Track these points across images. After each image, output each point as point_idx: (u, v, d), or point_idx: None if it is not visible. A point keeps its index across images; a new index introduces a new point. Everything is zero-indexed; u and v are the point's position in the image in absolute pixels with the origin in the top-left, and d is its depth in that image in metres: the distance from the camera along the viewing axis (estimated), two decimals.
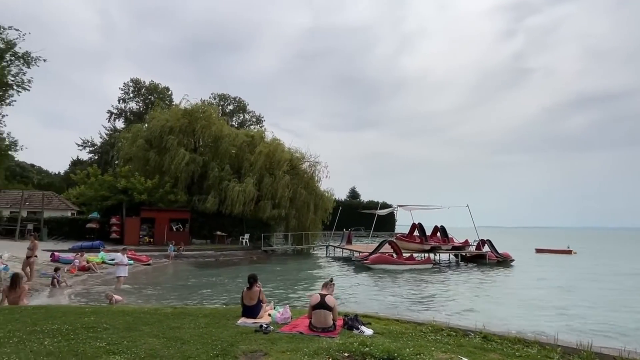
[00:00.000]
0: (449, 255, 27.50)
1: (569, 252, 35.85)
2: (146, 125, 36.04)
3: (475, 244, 27.40)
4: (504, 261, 25.51)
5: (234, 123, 56.69)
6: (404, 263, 22.05)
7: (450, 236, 26.80)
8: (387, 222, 60.41)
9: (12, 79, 25.98)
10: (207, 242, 29.28)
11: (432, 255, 25.76)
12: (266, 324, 5.96)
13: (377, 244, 24.86)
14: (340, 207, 34.18)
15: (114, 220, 26.98)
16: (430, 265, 23.04)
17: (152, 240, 26.90)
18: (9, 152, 25.64)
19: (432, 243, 25.97)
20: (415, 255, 24.22)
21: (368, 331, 5.92)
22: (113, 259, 18.67)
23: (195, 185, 31.38)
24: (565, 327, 9.58)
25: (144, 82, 55.85)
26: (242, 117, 63.17)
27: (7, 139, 25.46)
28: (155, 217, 27.27)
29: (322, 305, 5.89)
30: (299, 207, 31.26)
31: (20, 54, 26.50)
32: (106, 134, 54.78)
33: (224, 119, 39.99)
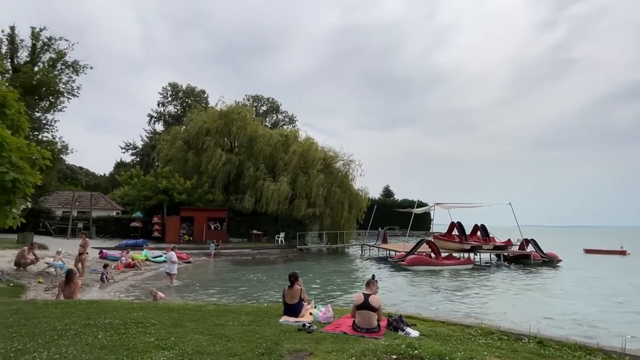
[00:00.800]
0: (490, 255, 26.44)
1: (622, 252, 33.45)
2: (184, 127, 37.24)
3: (519, 244, 26.17)
4: (549, 262, 24.19)
5: (267, 123, 57.48)
6: (442, 263, 21.40)
7: (491, 235, 25.75)
8: (423, 221, 59.08)
9: (63, 86, 27.71)
10: (244, 240, 29.81)
11: (472, 255, 24.87)
12: (309, 323, 5.89)
13: (414, 244, 24.31)
14: (375, 206, 33.75)
15: (155, 219, 28.09)
16: (470, 266, 22.23)
17: (191, 238, 27.74)
18: (61, 156, 27.31)
19: (473, 242, 25.05)
20: (454, 255, 23.46)
21: (414, 333, 5.70)
22: (157, 257, 19.47)
23: (231, 184, 32.05)
24: (631, 332, 8.86)
25: (181, 86, 57.78)
26: (275, 117, 63.96)
27: (59, 144, 27.14)
28: (194, 216, 28.11)
29: (366, 305, 5.73)
30: (333, 206, 31.18)
31: (69, 63, 28.23)
32: (147, 137, 57.16)
33: (259, 119, 40.59)
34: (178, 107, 57.50)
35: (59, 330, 5.26)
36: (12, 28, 27.20)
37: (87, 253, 13.50)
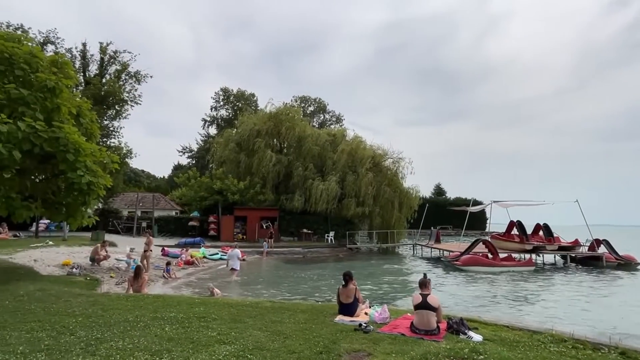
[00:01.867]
0: (555, 257, 24.63)
1: None
2: (236, 130, 38.60)
3: (588, 244, 24.12)
4: (626, 265, 22.02)
5: (314, 123, 58.01)
6: (501, 264, 20.27)
7: (555, 235, 23.97)
8: (478, 220, 56.50)
9: (127, 95, 29.88)
10: (294, 239, 30.27)
11: (534, 256, 23.31)
12: (365, 323, 5.81)
13: (469, 244, 23.27)
14: (427, 205, 32.78)
15: (211, 218, 29.38)
16: (532, 267, 20.85)
17: (244, 237, 28.66)
18: (126, 160, 29.46)
19: (535, 242, 23.48)
20: (514, 255, 22.13)
21: (477, 337, 5.41)
22: (213, 254, 20.35)
23: (281, 184, 32.70)
24: None
25: (232, 90, 60.00)
26: (322, 117, 64.36)
27: (124, 149, 29.29)
28: (247, 216, 29.03)
29: (424, 305, 5.55)
30: (383, 205, 30.72)
31: (132, 73, 30.37)
32: (202, 140, 59.98)
33: (306, 119, 41.05)
34: (229, 111, 59.74)
35: (130, 321, 5.64)
36: (84, 45, 29.82)
37: (152, 250, 14.37)
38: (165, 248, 20.03)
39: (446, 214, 52.10)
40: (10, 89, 8.40)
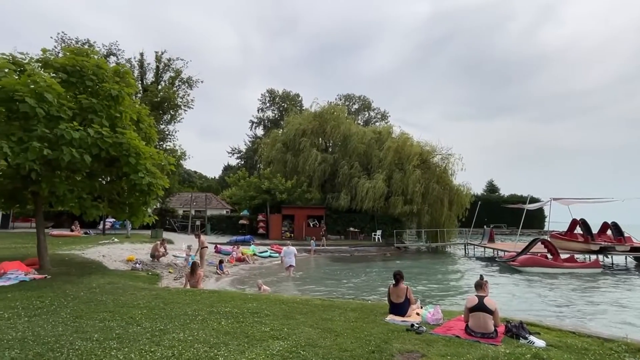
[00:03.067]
0: (626, 258, 22.58)
1: None
2: (282, 130, 39.35)
3: None
4: None
5: (359, 121, 57.67)
6: (562, 266, 18.91)
7: (626, 235, 21.96)
8: (535, 219, 53.26)
9: (180, 100, 31.49)
10: (341, 237, 30.30)
11: (600, 258, 21.52)
12: (417, 324, 5.69)
13: (527, 243, 21.97)
14: (479, 203, 31.38)
15: (260, 217, 30.22)
16: (599, 270, 19.23)
17: (292, 235, 29.14)
18: (181, 162, 31.08)
19: (602, 242, 21.66)
20: (577, 256, 20.58)
21: (539, 342, 5.10)
22: (262, 252, 20.93)
23: (327, 183, 32.87)
24: None
25: (278, 91, 61.25)
26: (367, 114, 63.82)
27: (179, 151, 30.92)
28: (294, 214, 29.51)
29: (481, 307, 5.32)
30: (432, 203, 29.87)
31: (185, 79, 31.97)
32: (249, 141, 61.80)
33: (351, 118, 40.91)
34: (275, 112, 61.04)
35: (189, 315, 5.95)
36: (141, 54, 31.85)
37: (207, 247, 15.05)
38: (218, 245, 20.88)
39: (500, 212, 49.51)
40: (81, 99, 9.17)
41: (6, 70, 8.79)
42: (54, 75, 9.42)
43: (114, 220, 25.07)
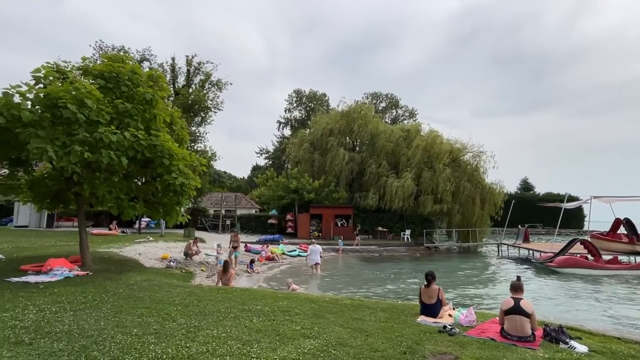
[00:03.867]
0: None
1: None
2: (309, 130, 39.51)
3: None
4: None
5: (387, 120, 57.07)
6: (604, 267, 17.96)
7: None
8: (573, 218, 51.03)
9: (210, 102, 32.28)
10: (369, 237, 30.11)
11: None
12: (450, 325, 5.57)
13: (565, 243, 21.02)
14: (513, 201, 30.32)
15: (288, 216, 30.51)
16: None
17: (320, 234, 29.23)
18: (211, 162, 31.85)
19: None
20: (620, 258, 19.49)
21: (581, 347, 4.87)
22: (291, 251, 21.12)
23: (355, 182, 32.74)
24: None
25: (304, 91, 61.58)
26: (395, 112, 63.05)
27: (209, 152, 31.70)
28: (322, 214, 29.59)
29: (517, 310, 5.14)
30: (463, 202, 29.13)
31: (214, 82, 32.73)
32: (277, 141, 62.46)
33: (378, 116, 40.54)
34: (302, 112, 61.38)
35: (222, 312, 6.09)
36: (173, 59, 32.87)
37: (238, 246, 15.38)
38: (248, 244, 21.24)
39: (535, 211, 47.60)
40: (118, 104, 9.57)
41: (51, 78, 9.32)
42: (93, 81, 9.88)
43: (149, 219, 26.01)
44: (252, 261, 15.74)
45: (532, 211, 48.19)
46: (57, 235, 19.37)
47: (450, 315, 6.31)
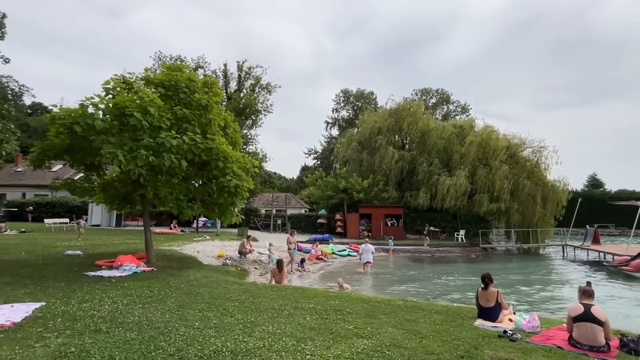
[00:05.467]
0: None
1: None
2: (357, 129, 39.32)
3: None
4: None
5: (437, 116, 55.33)
6: None
7: None
8: None
9: (260, 105, 33.25)
10: (421, 237, 29.33)
11: None
12: (511, 330, 5.29)
13: None
14: (580, 199, 28.06)
15: (338, 216, 30.61)
16: None
17: (370, 234, 29.00)
18: (262, 164, 32.80)
19: None
20: None
21: None
22: (341, 251, 21.17)
23: (405, 181, 32.09)
24: None
25: (352, 90, 61.45)
26: (446, 108, 61.03)
27: (260, 154, 32.66)
28: (371, 213, 29.34)
29: (587, 317, 4.76)
30: (523, 200, 27.46)
31: (264, 85, 33.67)
32: (325, 141, 62.99)
33: (429, 112, 39.40)
34: (350, 111, 61.32)
35: (276, 309, 6.26)
36: (225, 65, 34.30)
37: (293, 245, 15.81)
38: (298, 243, 21.60)
39: (606, 210, 43.89)
40: (177, 110, 10.18)
41: (118, 89, 10.13)
42: (154, 90, 10.58)
43: (206, 219, 27.31)
44: (302, 260, 15.99)
45: (602, 210, 44.41)
46: (124, 233, 20.98)
47: (510, 320, 5.99)
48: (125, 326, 4.98)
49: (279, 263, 10.81)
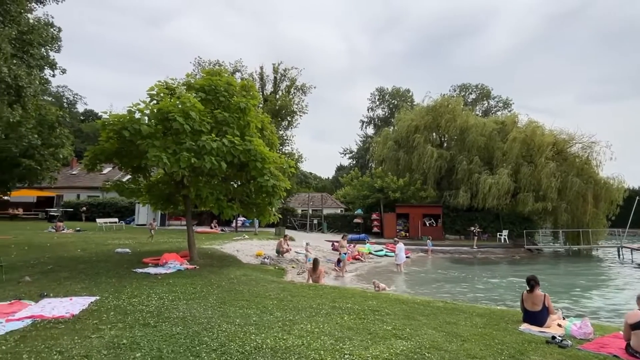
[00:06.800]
0: None
1: None
2: (393, 127, 38.75)
3: None
4: None
5: (477, 112, 53.38)
6: None
7: None
8: None
9: (296, 106, 33.61)
10: (461, 237, 28.49)
11: None
12: (560, 336, 5.02)
13: None
14: (638, 198, 26.09)
15: (374, 216, 30.34)
16: None
17: (407, 234, 28.52)
18: (298, 164, 33.13)
19: None
20: None
21: None
22: (378, 251, 20.98)
23: (443, 180, 31.24)
24: None
25: (387, 89, 60.67)
26: (486, 104, 58.79)
27: (296, 154, 33.01)
28: (409, 213, 28.84)
29: None
30: (572, 199, 25.94)
31: (299, 86, 34.02)
32: (360, 141, 62.59)
33: (468, 109, 38.12)
34: (385, 110, 60.58)
35: (314, 308, 6.31)
36: (261, 68, 34.96)
37: (345, 247, 16.08)
38: (335, 243, 21.62)
39: None
40: (217, 114, 10.53)
41: (162, 94, 10.63)
42: (195, 95, 11.00)
43: (245, 218, 27.99)
44: (339, 260, 15.99)
45: None
46: (168, 232, 21.93)
47: (559, 326, 5.68)
48: (171, 321, 5.22)
49: (315, 262, 10.88)
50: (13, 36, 8.85)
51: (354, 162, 61.78)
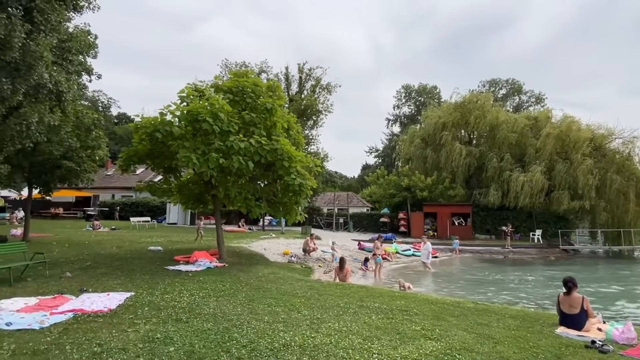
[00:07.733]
0: None
1: None
2: (420, 125, 38.10)
3: None
4: None
5: (508, 108, 51.69)
6: None
7: None
8: None
9: (321, 106, 33.66)
10: (492, 237, 27.69)
11: None
12: (601, 341, 4.79)
13: None
14: None
15: (401, 215, 29.95)
16: None
17: (435, 234, 27.99)
18: (324, 163, 33.17)
19: None
20: None
21: None
22: (405, 250, 20.73)
23: (473, 178, 30.46)
24: None
25: (413, 86, 59.73)
26: (517, 99, 56.93)
27: (321, 153, 33.08)
28: (437, 212, 28.30)
29: None
30: (611, 198, 24.71)
31: (324, 86, 34.05)
32: (386, 139, 61.94)
33: (498, 105, 36.97)
34: (412, 107, 59.69)
35: (341, 307, 6.31)
36: (287, 68, 35.25)
37: (381, 249, 16.05)
38: (361, 242, 21.54)
39: None
40: (244, 115, 10.70)
41: (191, 97, 10.91)
42: (223, 96, 11.23)
43: (272, 217, 28.33)
44: (366, 259, 15.91)
45: None
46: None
47: (600, 330, 5.42)
48: (202, 317, 5.36)
49: (342, 261, 10.87)
50: (54, 44, 9.31)
51: (380, 161, 61.23)
